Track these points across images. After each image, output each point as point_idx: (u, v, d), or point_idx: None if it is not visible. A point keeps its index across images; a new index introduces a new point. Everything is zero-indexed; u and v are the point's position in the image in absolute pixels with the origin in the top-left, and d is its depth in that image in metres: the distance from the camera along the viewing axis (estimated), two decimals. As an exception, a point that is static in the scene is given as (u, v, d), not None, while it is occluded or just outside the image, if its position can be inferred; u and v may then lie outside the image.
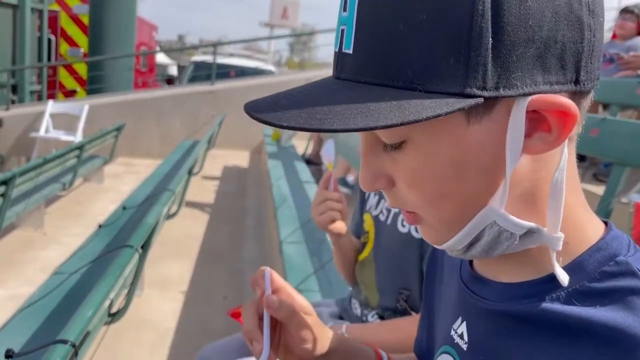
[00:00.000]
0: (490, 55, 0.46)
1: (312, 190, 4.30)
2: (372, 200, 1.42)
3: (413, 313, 1.29)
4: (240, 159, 7.93)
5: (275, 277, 0.75)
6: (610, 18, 6.10)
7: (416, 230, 1.25)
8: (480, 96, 0.47)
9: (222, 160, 7.60)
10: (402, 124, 0.46)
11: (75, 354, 1.20)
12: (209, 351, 1.44)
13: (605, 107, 4.30)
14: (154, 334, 2.85)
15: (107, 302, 1.65)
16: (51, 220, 4.54)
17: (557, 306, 0.52)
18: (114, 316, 2.15)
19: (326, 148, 1.39)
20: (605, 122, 2.49)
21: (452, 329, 0.65)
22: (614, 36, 4.57)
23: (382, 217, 1.35)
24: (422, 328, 0.84)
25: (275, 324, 0.72)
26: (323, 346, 0.74)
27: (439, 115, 0.46)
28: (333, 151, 1.33)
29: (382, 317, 1.38)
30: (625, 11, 4.50)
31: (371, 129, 0.46)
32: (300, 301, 0.75)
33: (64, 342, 1.16)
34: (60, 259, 2.60)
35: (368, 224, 1.41)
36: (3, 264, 3.67)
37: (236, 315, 1.36)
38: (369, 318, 1.39)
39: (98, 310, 1.47)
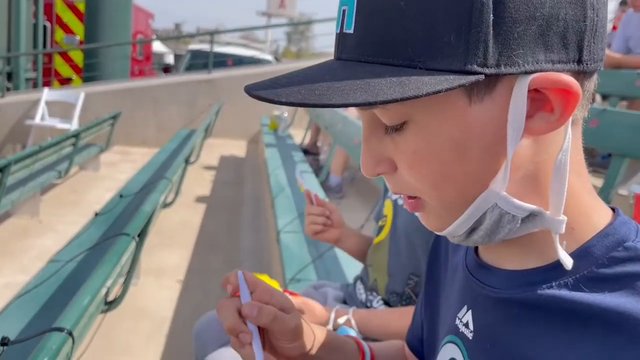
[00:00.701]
0: (492, 32, 0.46)
1: (310, 180, 4.29)
2: None
3: (415, 299, 1.30)
4: (237, 148, 7.91)
5: (250, 278, 0.72)
6: (609, 9, 6.08)
7: None
8: (481, 73, 0.47)
9: (219, 150, 7.58)
10: (402, 100, 0.45)
11: (72, 341, 1.19)
12: (207, 317, 1.47)
13: (605, 98, 4.29)
14: (150, 323, 2.84)
15: (103, 290, 1.64)
16: (47, 208, 4.52)
17: (564, 293, 0.51)
18: (110, 304, 2.14)
19: (297, 173, 1.55)
20: (605, 113, 2.48)
21: (457, 318, 0.64)
22: (614, 28, 4.56)
23: (400, 201, 1.37)
24: (419, 317, 0.83)
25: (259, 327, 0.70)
26: (308, 343, 0.72)
27: (439, 91, 0.46)
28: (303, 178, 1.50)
29: (386, 303, 1.38)
30: (624, 3, 4.48)
31: (370, 104, 0.45)
32: (280, 299, 0.72)
33: (60, 329, 1.15)
34: (56, 247, 2.58)
35: (387, 209, 1.43)
36: (-2, 251, 3.65)
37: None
38: (374, 303, 1.39)
39: (94, 299, 1.45)
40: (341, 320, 1.27)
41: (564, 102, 0.48)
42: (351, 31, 0.51)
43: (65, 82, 10.05)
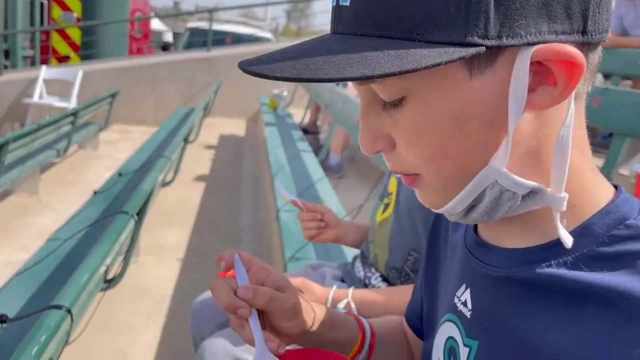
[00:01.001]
0: (492, 2, 0.45)
1: (309, 159, 4.27)
2: None
3: (414, 277, 1.31)
4: (237, 127, 7.88)
5: (245, 257, 0.71)
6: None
7: None
8: (482, 45, 0.45)
9: (218, 129, 7.55)
10: (400, 73, 0.44)
11: (71, 319, 1.19)
12: (204, 297, 1.48)
13: (607, 77, 4.26)
14: (150, 301, 2.85)
15: (102, 268, 1.64)
16: (46, 187, 4.51)
17: (563, 271, 0.50)
18: (110, 282, 2.15)
19: (279, 187, 1.59)
20: (607, 92, 2.46)
21: (455, 297, 0.64)
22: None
23: None
24: (418, 293, 0.83)
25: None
26: (308, 320, 0.72)
27: (438, 64, 0.44)
28: (285, 189, 1.56)
29: (385, 280, 1.38)
30: None
31: (367, 78, 0.44)
32: (276, 278, 0.71)
33: (59, 307, 1.15)
34: (55, 226, 2.58)
35: (392, 186, 1.44)
36: (-2, 230, 3.65)
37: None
38: (372, 280, 1.40)
39: (93, 276, 1.45)
40: (341, 305, 1.27)
41: (568, 74, 0.47)
42: (347, 3, 0.49)
43: (63, 60, 9.95)
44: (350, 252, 2.15)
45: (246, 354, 1.22)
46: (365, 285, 1.42)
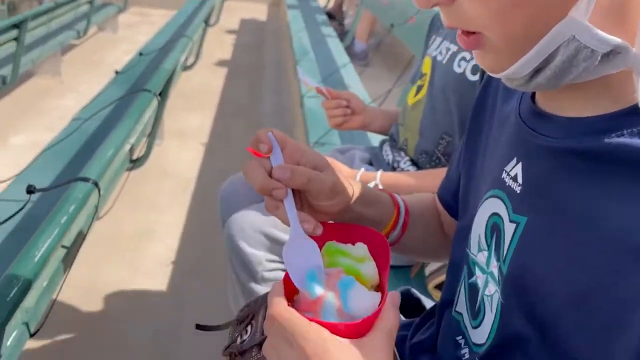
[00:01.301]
0: None
1: (334, 44, 4.12)
2: (436, 42, 1.36)
3: (445, 161, 1.28)
4: (258, 11, 7.61)
5: (279, 135, 0.64)
6: None
7: (472, 73, 1.20)
8: None
9: (239, 13, 7.29)
10: None
11: (98, 193, 1.19)
12: (233, 181, 1.47)
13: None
14: (174, 183, 2.89)
15: (127, 146, 1.63)
16: (67, 69, 4.46)
17: (637, 141, 0.45)
18: (135, 162, 2.15)
19: (301, 74, 1.52)
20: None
21: (503, 171, 0.59)
22: None
23: (439, 57, 1.31)
24: (454, 171, 0.79)
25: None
26: (346, 198, 0.68)
27: None
28: (308, 75, 1.49)
29: (414, 164, 1.35)
30: None
31: None
32: (312, 157, 0.65)
33: (86, 179, 1.15)
34: (78, 108, 2.56)
35: (426, 66, 1.37)
36: (21, 111, 3.66)
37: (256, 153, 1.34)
38: (401, 164, 1.37)
39: (119, 153, 1.44)
40: (371, 185, 1.24)
41: None
42: None
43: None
44: (377, 138, 2.11)
45: (272, 229, 1.22)
46: (394, 169, 1.39)
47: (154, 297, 2.03)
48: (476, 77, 1.19)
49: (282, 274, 0.60)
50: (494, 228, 0.60)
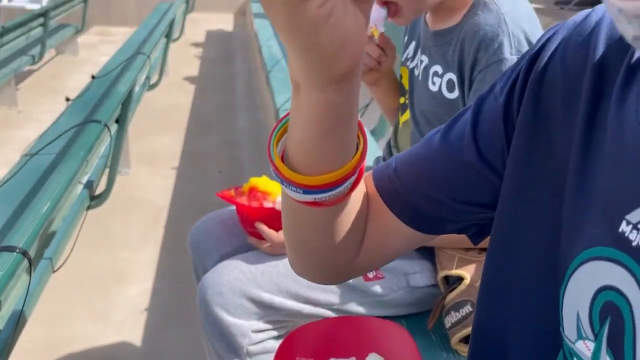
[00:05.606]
0: None
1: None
2: (411, 48, 1.14)
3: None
4: (224, 22, 7.38)
5: None
6: None
7: (448, 90, 1.00)
8: None
9: (204, 25, 7.06)
10: None
11: (29, 263, 0.94)
12: (204, 223, 1.25)
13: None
14: (145, 214, 2.65)
15: (79, 186, 1.39)
16: (25, 97, 4.19)
17: None
18: (96, 198, 1.91)
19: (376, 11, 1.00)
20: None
21: (624, 221, 0.38)
22: None
23: (416, 72, 1.11)
24: (449, 168, 0.56)
25: None
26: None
27: None
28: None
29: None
30: None
31: None
32: None
33: (11, 249, 0.90)
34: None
35: (405, 79, 1.17)
36: (-24, 146, 3.39)
37: (226, 198, 1.11)
38: None
39: (69, 193, 1.21)
40: None
41: None
42: None
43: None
44: (369, 157, 1.90)
45: (258, 290, 0.99)
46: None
47: (126, 352, 1.79)
48: (454, 95, 0.99)
49: (272, 345, 0.44)
50: (608, 309, 0.39)
